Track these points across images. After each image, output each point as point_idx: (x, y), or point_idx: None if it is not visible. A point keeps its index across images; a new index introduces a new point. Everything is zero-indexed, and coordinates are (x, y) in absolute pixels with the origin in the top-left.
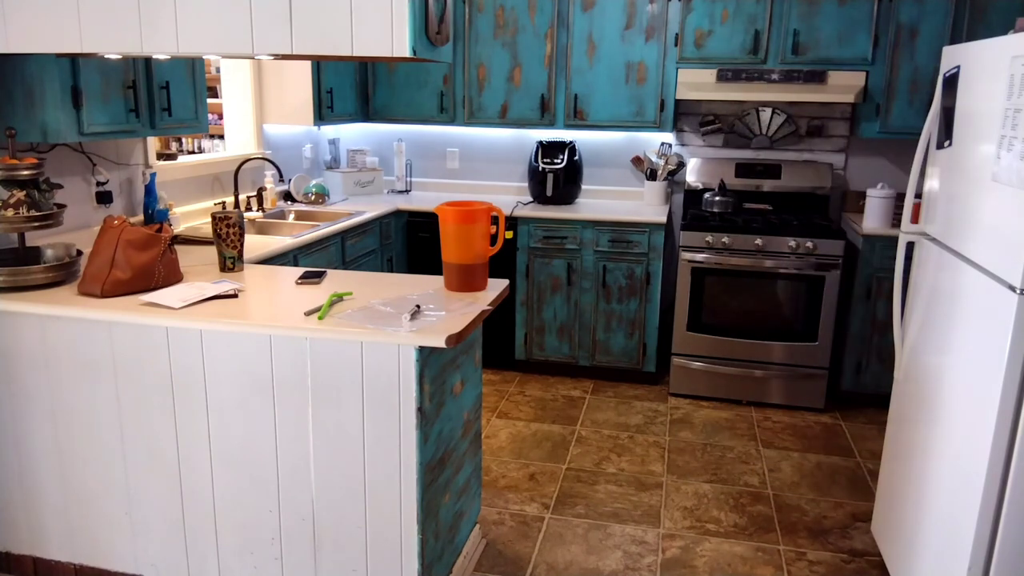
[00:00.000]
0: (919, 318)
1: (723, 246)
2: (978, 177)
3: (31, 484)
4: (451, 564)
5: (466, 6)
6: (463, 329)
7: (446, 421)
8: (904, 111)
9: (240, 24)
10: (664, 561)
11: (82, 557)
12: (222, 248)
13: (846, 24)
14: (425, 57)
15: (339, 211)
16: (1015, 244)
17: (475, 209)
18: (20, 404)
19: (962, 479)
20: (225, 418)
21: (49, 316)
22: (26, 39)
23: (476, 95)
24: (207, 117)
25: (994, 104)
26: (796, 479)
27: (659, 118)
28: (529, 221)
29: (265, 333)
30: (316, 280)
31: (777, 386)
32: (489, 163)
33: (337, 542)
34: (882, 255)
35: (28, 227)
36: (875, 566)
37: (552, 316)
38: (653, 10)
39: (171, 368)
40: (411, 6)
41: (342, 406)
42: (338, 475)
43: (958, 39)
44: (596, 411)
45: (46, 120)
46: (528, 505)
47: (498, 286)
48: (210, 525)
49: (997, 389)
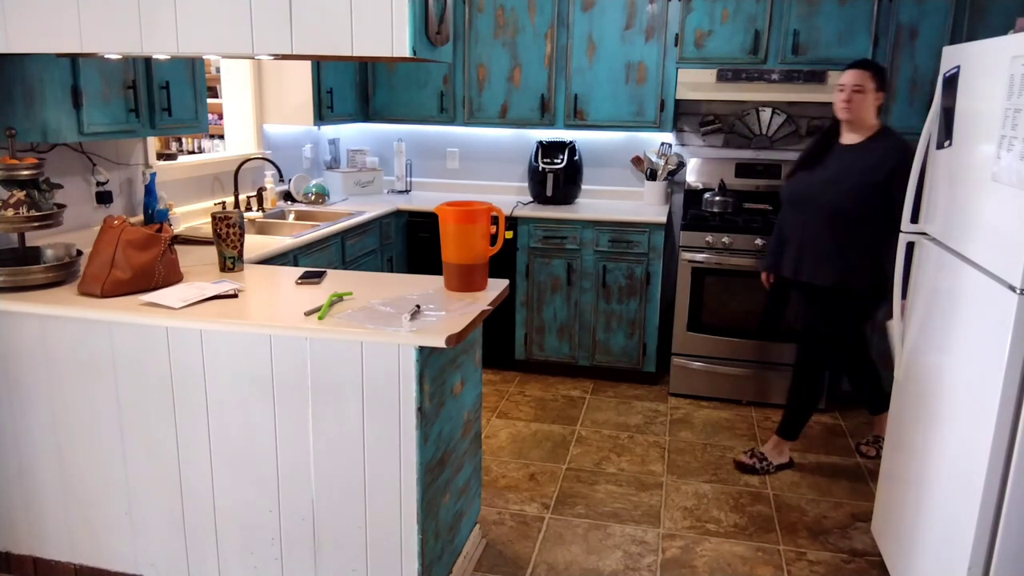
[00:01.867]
0: (919, 318)
1: (723, 246)
2: (978, 177)
3: (31, 484)
4: (451, 564)
5: (466, 6)
6: (463, 329)
7: (446, 421)
8: (904, 111)
9: (240, 24)
10: (664, 561)
11: (82, 557)
12: (222, 248)
13: (846, 24)
14: (425, 57)
15: (339, 211)
16: (1015, 244)
17: (475, 209)
18: (20, 404)
19: (962, 479)
20: (225, 418)
21: (49, 316)
22: (26, 39)
23: (476, 95)
24: (207, 117)
25: (994, 104)
26: (796, 479)
27: (659, 118)
28: (529, 221)
29: (265, 333)
30: (316, 280)
31: (777, 386)
32: (489, 163)
33: (337, 542)
34: None
35: (28, 227)
36: (875, 566)
37: (552, 316)
38: (653, 10)
39: (171, 368)
40: (411, 6)
41: (342, 406)
42: (338, 475)
43: (958, 39)
44: (596, 411)
45: (46, 120)
46: (528, 505)
47: (498, 286)
48: (210, 525)
49: (997, 389)
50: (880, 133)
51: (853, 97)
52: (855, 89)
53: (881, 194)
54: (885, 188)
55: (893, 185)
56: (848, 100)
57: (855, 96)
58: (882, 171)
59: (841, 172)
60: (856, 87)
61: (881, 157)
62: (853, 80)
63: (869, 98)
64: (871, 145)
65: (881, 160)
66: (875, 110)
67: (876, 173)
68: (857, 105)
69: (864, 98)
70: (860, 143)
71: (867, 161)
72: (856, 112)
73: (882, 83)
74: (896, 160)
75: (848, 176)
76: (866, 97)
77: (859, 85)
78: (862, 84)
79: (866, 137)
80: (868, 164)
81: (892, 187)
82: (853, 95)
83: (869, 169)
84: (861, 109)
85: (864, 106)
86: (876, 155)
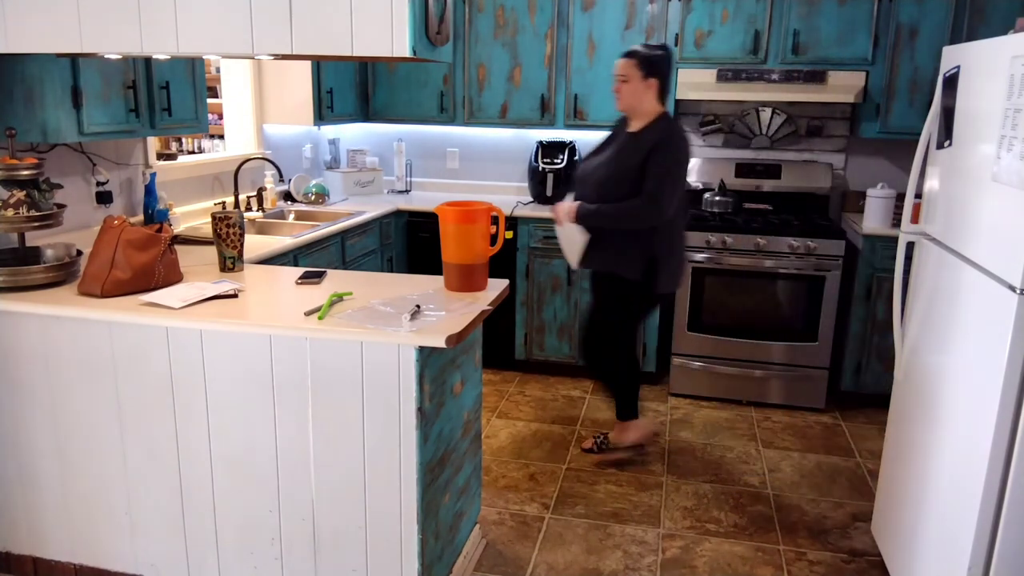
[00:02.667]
0: (919, 318)
1: (723, 246)
2: (978, 177)
3: (31, 484)
4: (451, 564)
5: (466, 6)
6: (463, 329)
7: (446, 421)
8: (904, 111)
9: (240, 24)
10: (664, 561)
11: (82, 557)
12: (222, 248)
13: (846, 24)
14: (425, 57)
15: (339, 211)
16: (1015, 244)
17: (475, 209)
18: (20, 404)
19: (962, 479)
20: (225, 418)
21: (49, 316)
22: (26, 39)
23: (476, 95)
24: (207, 117)
25: (994, 104)
26: (796, 479)
27: None
28: (529, 221)
29: (265, 333)
30: (316, 280)
31: (777, 386)
32: (489, 163)
33: (337, 542)
34: (882, 255)
35: (28, 227)
36: (875, 566)
37: (552, 316)
38: (653, 10)
39: (171, 368)
40: (411, 6)
41: (342, 406)
42: (338, 475)
43: (958, 39)
44: (596, 411)
45: (46, 120)
46: (528, 505)
47: (498, 286)
48: (210, 525)
49: (997, 389)
50: (657, 119)
51: (621, 87)
52: (621, 79)
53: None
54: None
55: (648, 160)
56: (617, 90)
57: (622, 86)
58: (641, 154)
59: (612, 157)
60: (622, 77)
61: (646, 140)
62: (618, 71)
63: (638, 86)
64: (645, 131)
65: (645, 143)
66: (652, 97)
67: (636, 156)
68: (626, 94)
69: (631, 87)
70: (639, 130)
71: (635, 145)
72: (627, 100)
73: (649, 70)
74: (656, 140)
75: (616, 161)
76: (633, 85)
77: (624, 75)
78: (627, 73)
79: (645, 124)
80: (634, 148)
81: (647, 163)
82: (620, 85)
83: (634, 152)
84: (631, 97)
85: (634, 94)
86: (644, 139)
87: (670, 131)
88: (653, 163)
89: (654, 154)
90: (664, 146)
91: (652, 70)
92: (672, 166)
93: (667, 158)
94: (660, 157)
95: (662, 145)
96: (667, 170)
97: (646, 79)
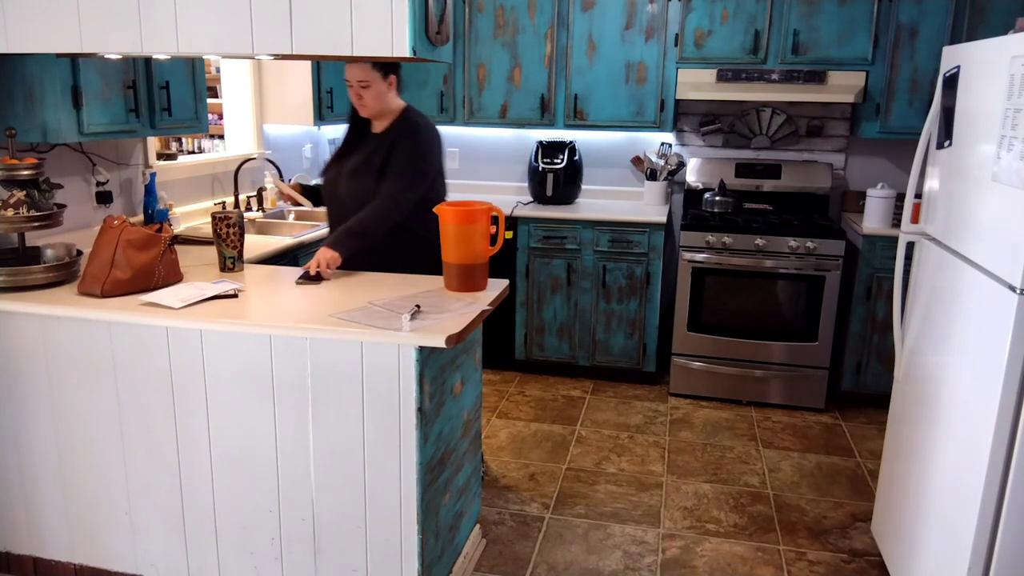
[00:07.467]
0: (919, 318)
1: (723, 246)
2: (978, 177)
3: (31, 484)
4: (451, 564)
5: (466, 6)
6: (463, 329)
7: (446, 421)
8: (904, 111)
9: (240, 24)
10: (664, 561)
11: (82, 557)
12: (222, 248)
13: (846, 24)
14: (425, 57)
15: None
16: (1015, 244)
17: (475, 209)
18: (20, 404)
19: (962, 479)
20: (225, 418)
21: (49, 316)
22: (26, 39)
23: (476, 95)
24: (207, 117)
25: (994, 104)
26: (796, 479)
27: (659, 118)
28: (529, 221)
29: (265, 333)
30: (316, 280)
31: (777, 386)
32: (489, 163)
33: (337, 542)
34: (882, 255)
35: (28, 227)
36: (875, 566)
37: (552, 316)
38: (653, 10)
39: (171, 368)
40: (411, 6)
41: (342, 406)
42: (338, 475)
43: (958, 39)
44: (596, 411)
45: (46, 120)
46: (528, 505)
47: (498, 286)
48: (210, 525)
49: (997, 389)
50: (402, 114)
51: (362, 94)
52: (361, 85)
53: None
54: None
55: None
56: (359, 97)
57: (364, 92)
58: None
59: (360, 166)
60: (362, 83)
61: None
62: (355, 78)
63: (380, 88)
64: (391, 128)
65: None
66: (395, 94)
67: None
68: (370, 100)
69: (374, 90)
70: (384, 130)
71: (385, 145)
72: (373, 106)
73: (386, 69)
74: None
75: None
76: (376, 88)
77: (364, 80)
78: (366, 78)
79: (391, 122)
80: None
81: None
82: (361, 91)
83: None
84: (377, 101)
85: (378, 97)
86: (390, 136)
87: (415, 122)
88: (395, 157)
89: (397, 147)
90: (406, 137)
91: (389, 67)
92: (416, 157)
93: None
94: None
95: (404, 136)
96: (410, 161)
97: (386, 78)
